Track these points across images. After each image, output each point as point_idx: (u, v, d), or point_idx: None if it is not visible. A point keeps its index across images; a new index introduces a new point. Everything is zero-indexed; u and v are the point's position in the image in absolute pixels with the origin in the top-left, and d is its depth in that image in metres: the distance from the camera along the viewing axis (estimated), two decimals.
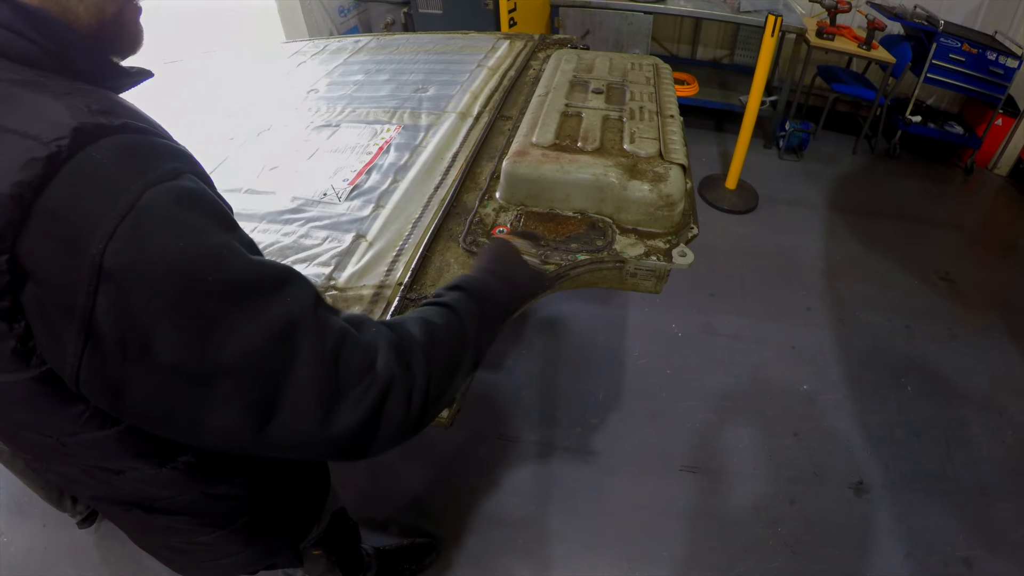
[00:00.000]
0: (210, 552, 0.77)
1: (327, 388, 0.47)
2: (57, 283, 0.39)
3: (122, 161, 0.41)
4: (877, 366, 2.15)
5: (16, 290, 0.39)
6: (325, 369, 0.47)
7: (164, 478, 0.61)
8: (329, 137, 1.43)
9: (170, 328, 0.41)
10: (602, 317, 2.29)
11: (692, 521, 1.65)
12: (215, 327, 0.42)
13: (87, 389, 0.43)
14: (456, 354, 0.60)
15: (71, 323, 0.40)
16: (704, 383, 2.04)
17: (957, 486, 1.77)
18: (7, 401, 0.47)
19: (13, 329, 0.41)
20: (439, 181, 1.23)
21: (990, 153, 3.50)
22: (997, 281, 2.66)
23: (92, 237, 0.38)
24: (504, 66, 1.75)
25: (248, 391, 0.44)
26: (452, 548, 1.58)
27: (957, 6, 3.34)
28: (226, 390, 0.44)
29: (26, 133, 0.39)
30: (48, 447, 0.53)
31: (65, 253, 0.38)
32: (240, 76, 1.90)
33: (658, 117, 1.28)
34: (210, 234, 0.43)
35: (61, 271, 0.39)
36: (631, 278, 1.05)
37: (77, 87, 0.45)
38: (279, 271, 0.48)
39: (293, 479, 0.84)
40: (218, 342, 0.42)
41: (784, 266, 2.61)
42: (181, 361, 0.42)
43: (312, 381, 0.46)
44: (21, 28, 0.43)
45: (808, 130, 3.36)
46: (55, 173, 0.38)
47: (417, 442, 1.90)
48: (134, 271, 0.39)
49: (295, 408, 0.46)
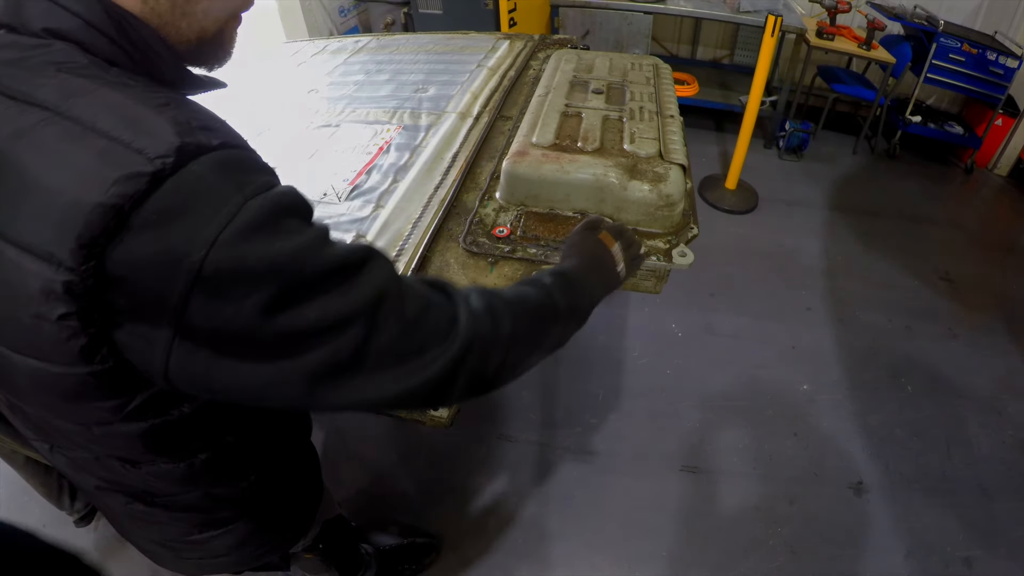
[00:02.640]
0: (199, 551, 0.77)
1: (410, 347, 0.50)
2: (149, 289, 0.40)
3: (222, 176, 0.42)
4: (877, 366, 2.15)
5: (97, 295, 0.40)
6: (407, 332, 0.49)
7: (178, 474, 0.62)
8: (329, 137, 1.43)
9: (265, 320, 0.43)
10: (602, 317, 2.29)
11: (692, 521, 1.65)
12: (310, 309, 0.44)
13: (177, 381, 0.45)
14: (540, 332, 0.62)
15: (160, 325, 0.41)
16: (704, 383, 2.04)
17: (957, 486, 1.77)
18: (52, 390, 0.47)
19: (87, 329, 0.41)
20: (439, 181, 1.23)
21: (990, 153, 3.50)
22: (997, 281, 2.66)
23: (192, 246, 0.39)
24: (504, 66, 1.75)
25: (335, 355, 0.46)
26: (452, 548, 1.57)
27: (957, 6, 3.34)
28: (319, 359, 0.46)
29: (130, 145, 0.39)
30: (71, 433, 0.54)
31: (162, 262, 0.39)
32: (240, 76, 1.90)
33: (658, 117, 1.28)
34: (304, 233, 0.45)
35: (155, 278, 0.40)
36: (631, 278, 1.05)
37: (172, 97, 0.45)
38: (362, 250, 0.50)
39: (288, 489, 0.84)
40: (312, 319, 0.44)
41: (784, 266, 2.61)
42: (273, 344, 0.44)
43: (393, 343, 0.49)
44: (109, 31, 0.44)
45: (808, 130, 3.36)
46: (157, 188, 0.39)
47: (417, 442, 1.89)
48: (234, 274, 0.41)
49: (379, 369, 0.49)
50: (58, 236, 0.38)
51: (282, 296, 0.43)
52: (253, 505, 0.76)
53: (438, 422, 0.84)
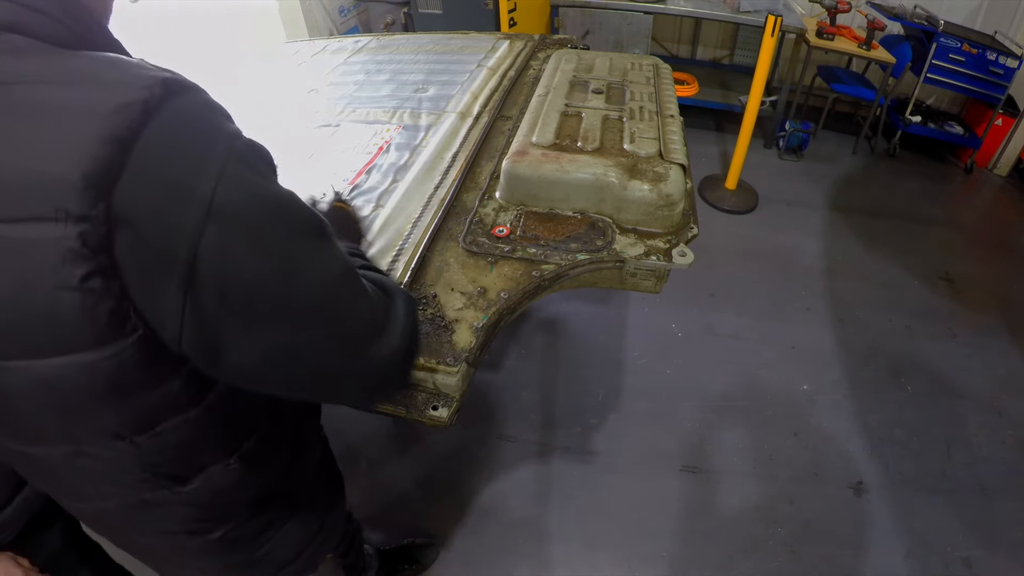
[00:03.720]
0: (184, 556, 0.72)
1: (378, 319, 0.54)
2: (159, 228, 0.39)
3: (208, 111, 0.44)
4: (877, 366, 2.15)
5: (112, 243, 0.38)
6: (375, 300, 0.54)
7: (227, 479, 0.61)
8: (329, 137, 1.43)
9: (267, 263, 0.44)
10: (602, 317, 2.29)
11: (692, 521, 1.65)
12: (303, 259, 0.47)
13: (189, 346, 0.44)
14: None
15: (172, 275, 0.40)
16: (704, 383, 2.04)
17: (957, 486, 1.77)
18: (83, 392, 0.44)
19: (111, 288, 0.39)
20: (439, 181, 1.23)
21: (990, 153, 3.50)
22: (997, 281, 2.66)
23: (199, 179, 0.40)
24: (504, 66, 1.75)
25: (331, 321, 0.50)
26: (452, 548, 1.57)
27: (957, 6, 3.34)
28: (316, 320, 0.49)
29: (117, 82, 0.39)
30: (110, 460, 0.51)
31: (170, 196, 0.39)
32: (240, 76, 1.90)
33: (658, 117, 1.28)
34: (278, 183, 0.48)
35: (165, 215, 0.39)
36: (631, 278, 1.05)
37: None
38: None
39: (316, 471, 0.84)
40: (306, 273, 0.47)
41: (784, 266, 2.61)
42: (276, 295, 0.45)
43: (367, 311, 0.53)
44: (52, 10, 0.44)
45: (808, 130, 3.36)
46: (151, 117, 0.39)
47: (417, 442, 1.88)
48: (241, 211, 0.42)
49: (357, 330, 0.53)
50: (63, 186, 0.36)
51: (280, 241, 0.46)
52: (293, 497, 0.76)
53: (438, 421, 0.84)
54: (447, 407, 0.85)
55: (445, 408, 0.85)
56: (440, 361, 0.85)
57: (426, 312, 0.93)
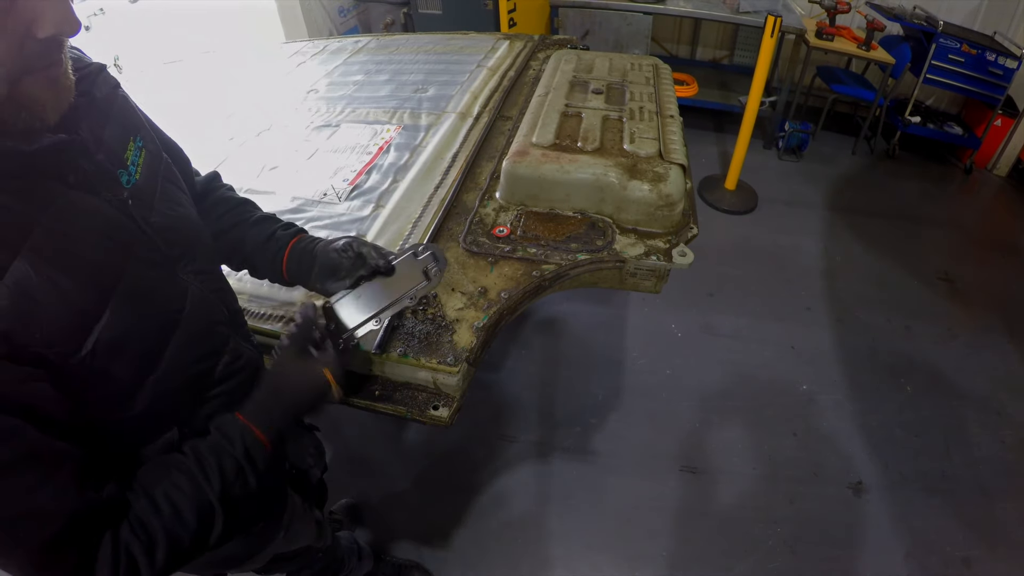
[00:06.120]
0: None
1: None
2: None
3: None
4: (877, 366, 2.15)
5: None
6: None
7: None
8: (329, 137, 1.43)
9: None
10: (602, 317, 2.29)
11: (692, 521, 1.65)
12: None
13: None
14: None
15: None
16: (704, 383, 2.04)
17: (957, 486, 1.77)
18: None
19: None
20: (439, 181, 1.23)
21: (989, 153, 3.50)
22: (997, 281, 2.66)
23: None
24: (504, 66, 1.75)
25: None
26: (452, 548, 1.58)
27: (956, 6, 3.34)
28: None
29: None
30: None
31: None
32: (240, 76, 1.90)
33: (658, 117, 1.28)
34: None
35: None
36: (631, 278, 1.05)
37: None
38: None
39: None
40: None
41: (784, 266, 2.62)
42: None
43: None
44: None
45: (807, 131, 3.36)
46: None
47: (417, 442, 1.88)
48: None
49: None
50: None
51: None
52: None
53: (439, 421, 0.84)
54: (448, 407, 0.86)
55: (446, 408, 0.85)
56: (441, 361, 0.85)
57: (427, 312, 0.93)
